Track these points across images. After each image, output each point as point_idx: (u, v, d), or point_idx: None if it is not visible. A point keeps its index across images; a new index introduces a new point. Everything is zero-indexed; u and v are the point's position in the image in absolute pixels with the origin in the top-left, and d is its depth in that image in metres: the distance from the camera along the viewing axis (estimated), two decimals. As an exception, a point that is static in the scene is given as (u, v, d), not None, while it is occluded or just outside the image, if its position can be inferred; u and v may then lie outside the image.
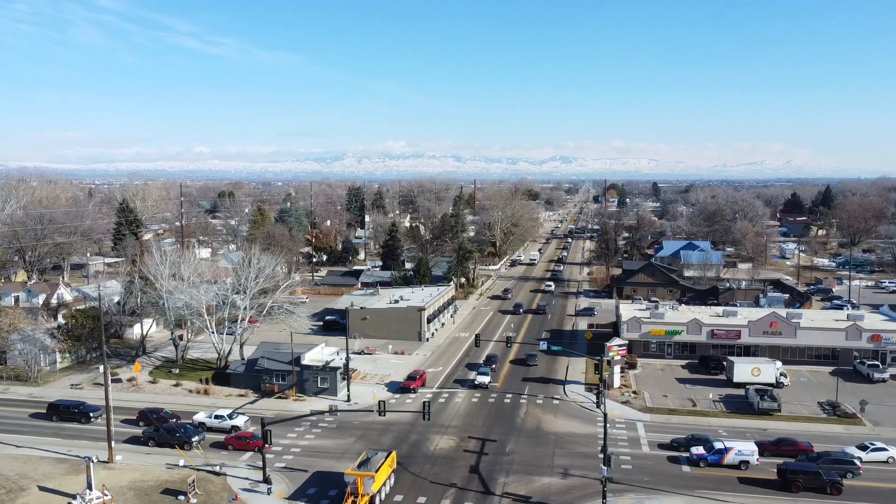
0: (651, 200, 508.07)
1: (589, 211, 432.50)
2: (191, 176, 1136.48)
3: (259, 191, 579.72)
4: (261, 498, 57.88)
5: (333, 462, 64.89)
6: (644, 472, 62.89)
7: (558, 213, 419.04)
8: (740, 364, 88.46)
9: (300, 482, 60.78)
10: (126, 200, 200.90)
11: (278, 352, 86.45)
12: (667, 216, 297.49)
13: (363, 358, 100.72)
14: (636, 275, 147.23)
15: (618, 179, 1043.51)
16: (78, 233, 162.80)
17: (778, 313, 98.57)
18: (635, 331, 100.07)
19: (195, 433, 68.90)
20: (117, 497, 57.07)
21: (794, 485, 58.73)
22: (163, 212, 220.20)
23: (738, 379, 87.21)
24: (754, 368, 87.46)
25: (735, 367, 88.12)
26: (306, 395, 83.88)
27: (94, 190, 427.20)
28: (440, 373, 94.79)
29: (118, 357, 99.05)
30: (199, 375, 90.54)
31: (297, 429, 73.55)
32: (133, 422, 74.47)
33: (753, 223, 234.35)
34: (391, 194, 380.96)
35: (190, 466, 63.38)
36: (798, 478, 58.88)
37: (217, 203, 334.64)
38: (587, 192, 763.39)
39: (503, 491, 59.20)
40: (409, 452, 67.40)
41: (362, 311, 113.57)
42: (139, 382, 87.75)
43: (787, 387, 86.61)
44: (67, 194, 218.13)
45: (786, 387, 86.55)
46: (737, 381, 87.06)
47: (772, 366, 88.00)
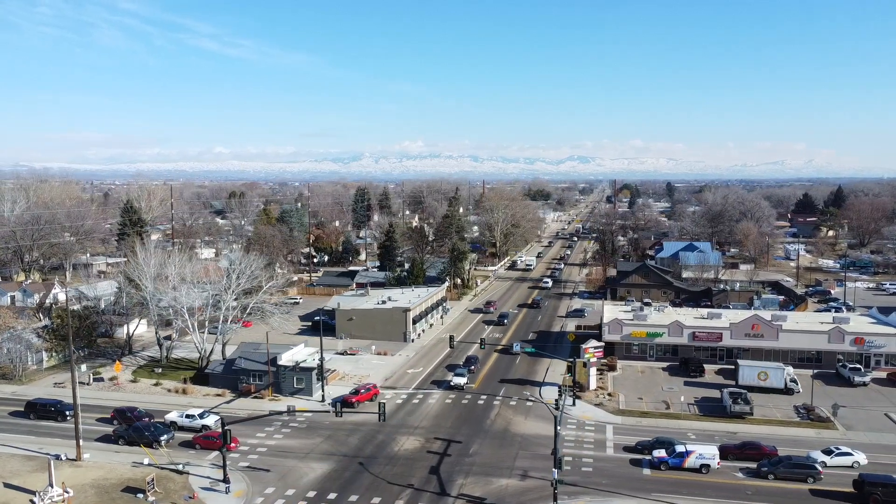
0: (664, 201, 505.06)
1: (600, 211, 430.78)
2: (210, 176, 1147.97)
3: (273, 191, 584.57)
4: (218, 497, 58.62)
5: (296, 462, 65.52)
6: (603, 475, 62.82)
7: (569, 213, 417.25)
8: (747, 367, 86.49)
9: (260, 482, 61.46)
10: (130, 201, 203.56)
11: (256, 352, 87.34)
12: (674, 217, 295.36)
13: (345, 359, 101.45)
14: (630, 276, 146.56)
15: (636, 179, 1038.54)
16: (80, 233, 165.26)
17: (760, 315, 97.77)
18: (616, 333, 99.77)
19: (164, 432, 69.91)
20: (78, 494, 58.11)
21: (872, 498, 56.77)
22: (167, 212, 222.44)
23: (743, 382, 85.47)
24: (761, 372, 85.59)
25: (742, 370, 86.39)
26: (282, 395, 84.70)
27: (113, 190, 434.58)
28: (419, 373, 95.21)
29: (105, 356, 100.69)
30: (181, 375, 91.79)
31: (268, 429, 74.35)
32: (108, 420, 75.62)
33: (759, 224, 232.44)
34: (402, 194, 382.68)
35: (154, 465, 64.36)
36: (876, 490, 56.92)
37: (226, 204, 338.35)
38: (602, 193, 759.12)
39: (459, 492, 59.46)
40: (373, 453, 67.86)
41: (349, 311, 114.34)
42: (120, 381, 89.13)
43: (798, 393, 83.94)
44: (74, 195, 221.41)
45: (797, 393, 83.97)
46: (742, 384, 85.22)
47: (780, 371, 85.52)
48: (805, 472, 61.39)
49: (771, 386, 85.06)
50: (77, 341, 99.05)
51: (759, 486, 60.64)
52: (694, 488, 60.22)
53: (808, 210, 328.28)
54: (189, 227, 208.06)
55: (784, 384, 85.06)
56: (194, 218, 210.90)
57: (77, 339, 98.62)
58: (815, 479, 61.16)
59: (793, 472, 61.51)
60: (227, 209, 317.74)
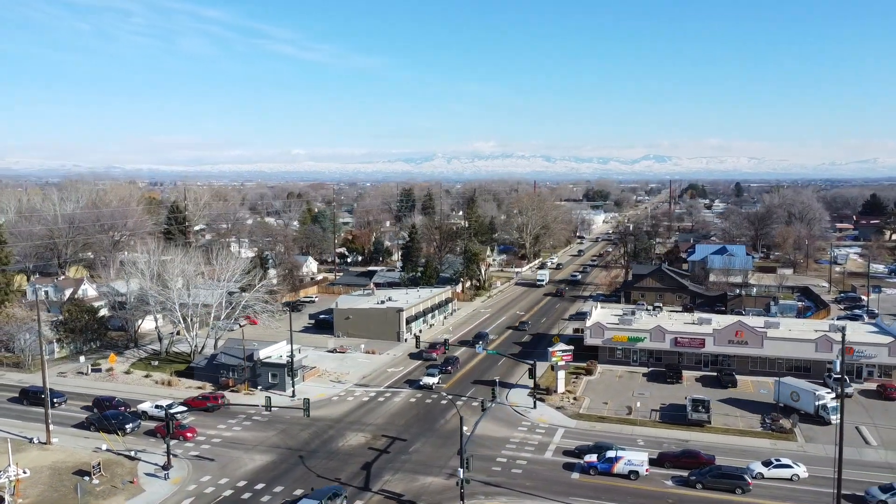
0: (731, 202, 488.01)
1: (657, 213, 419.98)
2: (285, 177, 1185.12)
3: (338, 191, 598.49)
4: (157, 482, 62.51)
5: (241, 453, 68.84)
6: (530, 477, 63.27)
7: (624, 214, 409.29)
8: (783, 385, 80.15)
9: (201, 470, 65.03)
10: (176, 202, 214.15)
11: (237, 348, 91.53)
12: (722, 218, 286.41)
13: (333, 356, 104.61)
14: (644, 279, 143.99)
15: (714, 179, 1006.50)
16: (121, 232, 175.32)
17: (744, 322, 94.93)
18: (598, 336, 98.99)
19: (130, 420, 74.66)
20: (35, 475, 63.06)
21: None
22: (211, 213, 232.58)
23: (778, 399, 79.71)
24: (793, 392, 78.87)
25: (778, 386, 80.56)
26: (258, 389, 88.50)
27: (169, 191, 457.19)
28: (398, 372, 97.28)
29: (114, 348, 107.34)
30: (173, 368, 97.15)
31: (230, 420, 78.13)
32: (89, 408, 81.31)
33: (810, 226, 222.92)
34: (453, 195, 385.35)
35: (112, 451, 69.09)
36: None
37: (283, 204, 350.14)
38: (668, 193, 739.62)
39: (380, 488, 61.26)
40: (317, 448, 70.49)
41: (346, 310, 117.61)
42: (114, 373, 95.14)
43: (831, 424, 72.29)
44: (127, 195, 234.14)
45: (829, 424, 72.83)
46: (778, 401, 79.48)
47: (810, 394, 76.96)
48: (733, 483, 60.11)
49: (801, 409, 77.30)
50: (87, 334, 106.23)
51: (682, 495, 59.81)
52: (616, 494, 59.96)
53: (875, 212, 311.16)
54: (229, 227, 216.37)
55: (815, 410, 75.75)
56: (234, 218, 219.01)
57: (87, 332, 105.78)
58: (744, 491, 59.81)
59: (720, 483, 60.35)
60: (282, 210, 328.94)
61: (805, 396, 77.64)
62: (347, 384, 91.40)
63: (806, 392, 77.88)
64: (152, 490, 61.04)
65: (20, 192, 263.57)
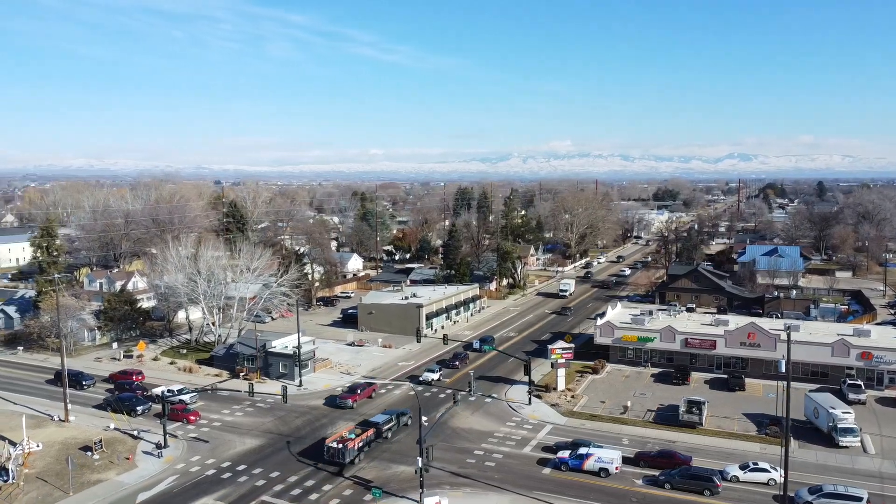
0: (810, 202, 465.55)
1: (727, 213, 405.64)
2: (363, 177, 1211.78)
3: (408, 191, 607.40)
4: (150, 459, 67.00)
5: (234, 437, 72.69)
6: (501, 471, 64.14)
7: (690, 214, 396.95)
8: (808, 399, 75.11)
9: (194, 451, 69.16)
10: (234, 201, 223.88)
11: (252, 339, 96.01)
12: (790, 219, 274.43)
13: (350, 349, 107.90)
14: (680, 280, 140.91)
15: (803, 178, 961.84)
16: (179, 227, 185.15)
17: (756, 324, 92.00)
18: (608, 336, 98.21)
19: (141, 403, 79.90)
20: (46, 449, 68.68)
21: None
22: (269, 211, 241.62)
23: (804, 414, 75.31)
24: (816, 408, 73.38)
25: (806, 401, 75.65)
26: (270, 378, 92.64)
27: (278, 190, 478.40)
28: (407, 367, 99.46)
29: (150, 337, 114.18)
30: (197, 356, 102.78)
31: (234, 406, 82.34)
32: (112, 391, 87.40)
33: (880, 227, 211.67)
34: (523, 193, 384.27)
35: (119, 430, 74.36)
36: None
37: (349, 203, 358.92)
38: (747, 193, 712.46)
39: (352, 474, 63.57)
40: (307, 434, 73.54)
41: (369, 306, 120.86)
42: (143, 359, 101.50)
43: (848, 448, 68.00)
44: (192, 193, 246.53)
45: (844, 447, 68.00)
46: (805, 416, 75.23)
47: (825, 412, 71.04)
48: (702, 485, 59.23)
49: (818, 427, 72.67)
50: (126, 323, 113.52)
51: (647, 494, 59.41)
52: (581, 490, 60.15)
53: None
54: (286, 225, 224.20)
55: (827, 430, 70.53)
56: (289, 216, 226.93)
57: (126, 320, 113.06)
58: (713, 493, 58.86)
59: (689, 483, 59.58)
60: (345, 208, 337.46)
61: (822, 414, 72.28)
62: (355, 376, 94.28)
63: (822, 409, 72.36)
64: (144, 467, 65.50)
65: (99, 191, 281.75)
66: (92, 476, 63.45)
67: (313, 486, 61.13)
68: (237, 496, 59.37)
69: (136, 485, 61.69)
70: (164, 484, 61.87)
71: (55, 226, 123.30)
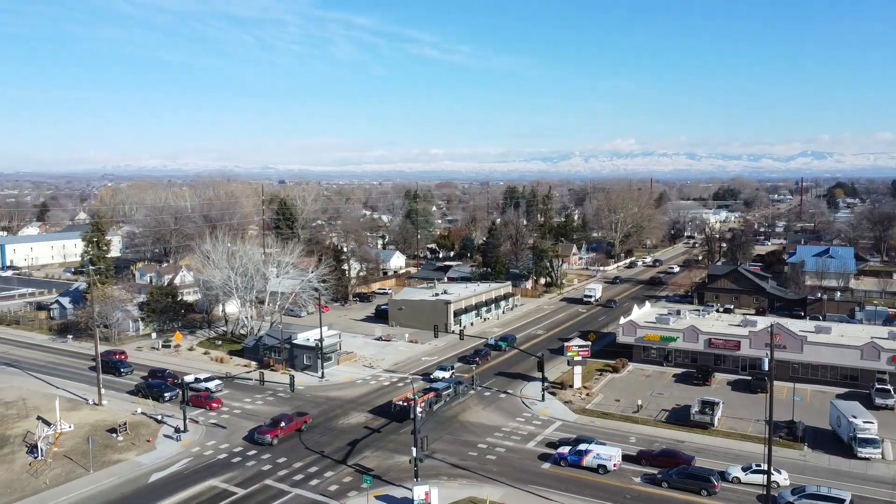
0: (883, 202, 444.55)
1: (789, 213, 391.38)
2: (423, 176, 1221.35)
3: (464, 191, 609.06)
4: (169, 442, 70.58)
5: (251, 424, 75.60)
6: (500, 464, 64.87)
7: (749, 214, 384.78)
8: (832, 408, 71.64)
9: (211, 436, 72.43)
10: (284, 199, 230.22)
11: (279, 331, 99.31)
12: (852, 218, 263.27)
13: (377, 343, 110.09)
14: (719, 280, 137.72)
15: (882, 177, 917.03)
16: (230, 224, 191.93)
17: (782, 325, 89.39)
18: (630, 335, 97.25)
19: (168, 390, 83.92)
20: (77, 430, 72.99)
21: None
22: (318, 210, 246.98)
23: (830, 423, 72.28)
24: (839, 417, 70.23)
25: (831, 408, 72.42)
26: (294, 369, 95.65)
27: (336, 189, 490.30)
28: (430, 361, 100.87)
29: (190, 328, 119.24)
30: (230, 347, 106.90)
31: (257, 395, 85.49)
32: (146, 377, 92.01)
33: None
34: (577, 191, 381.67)
35: (145, 414, 78.45)
36: None
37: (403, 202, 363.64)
38: (814, 193, 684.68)
39: (355, 462, 65.45)
40: (320, 423, 75.87)
41: (399, 301, 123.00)
42: (180, 349, 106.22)
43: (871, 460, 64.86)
44: (248, 192, 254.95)
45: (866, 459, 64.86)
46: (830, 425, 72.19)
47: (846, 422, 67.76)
48: (699, 484, 58.56)
49: (840, 436, 69.90)
50: (168, 314, 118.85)
51: (643, 492, 59.12)
52: (576, 485, 60.35)
53: None
54: (334, 224, 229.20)
55: (847, 440, 67.71)
56: (336, 215, 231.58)
57: (167, 312, 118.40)
58: (710, 493, 58.12)
59: (686, 483, 59.00)
60: (396, 207, 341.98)
61: (844, 423, 69.35)
62: (377, 370, 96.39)
63: (844, 418, 69.37)
64: (162, 449, 69.06)
65: (161, 190, 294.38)
66: (113, 456, 67.32)
67: (315, 473, 63.28)
68: (242, 479, 62.04)
69: (153, 465, 65.18)
70: (177, 465, 65.17)
71: (104, 222, 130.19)
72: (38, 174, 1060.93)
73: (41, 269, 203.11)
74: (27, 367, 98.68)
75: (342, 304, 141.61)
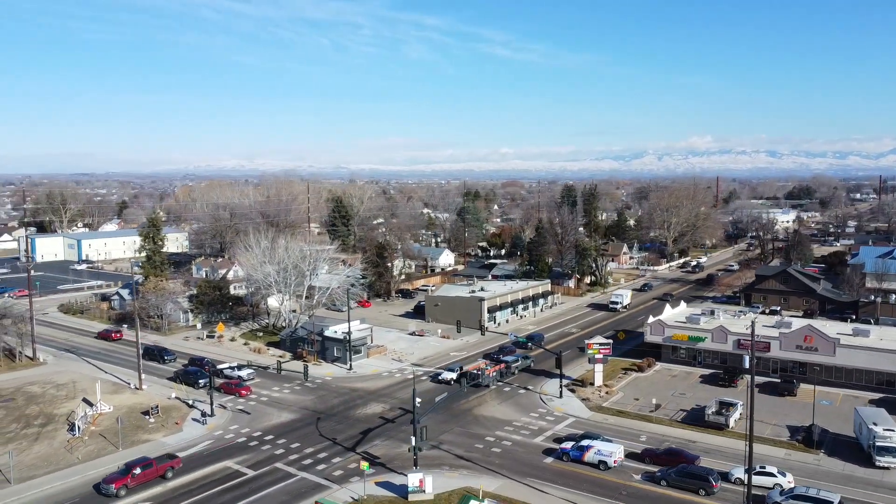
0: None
1: (849, 213, 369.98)
2: (492, 176, 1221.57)
3: (531, 190, 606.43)
4: (196, 426, 74.82)
5: (274, 411, 79.23)
6: (504, 457, 65.89)
7: (822, 214, 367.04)
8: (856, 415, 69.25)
9: (236, 421, 76.31)
10: (340, 198, 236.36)
11: (317, 324, 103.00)
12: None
13: (409, 338, 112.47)
14: (767, 281, 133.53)
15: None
16: (286, 222, 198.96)
17: (814, 327, 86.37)
18: (658, 334, 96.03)
19: (203, 377, 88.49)
20: (115, 411, 78.36)
21: None
22: (373, 208, 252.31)
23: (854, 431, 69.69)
24: (861, 424, 67.29)
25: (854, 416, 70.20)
26: (325, 361, 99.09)
27: (403, 188, 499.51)
28: (458, 356, 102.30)
29: (236, 320, 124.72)
30: (269, 339, 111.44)
31: (286, 384, 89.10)
32: (185, 365, 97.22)
33: None
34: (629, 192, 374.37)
35: (179, 398, 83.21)
36: None
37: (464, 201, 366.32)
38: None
39: (363, 450, 67.80)
40: (338, 412, 78.77)
41: (435, 298, 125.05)
42: (223, 339, 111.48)
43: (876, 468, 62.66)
44: (304, 191, 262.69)
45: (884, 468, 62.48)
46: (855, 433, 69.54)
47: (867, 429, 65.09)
48: (697, 484, 58.07)
49: (861, 444, 67.18)
50: (216, 306, 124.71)
51: (640, 490, 59.05)
52: (574, 480, 60.78)
53: None
54: (401, 221, 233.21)
55: (866, 446, 65.08)
56: (390, 213, 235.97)
57: (215, 305, 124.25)
58: (708, 493, 57.55)
59: (684, 482, 58.57)
60: (455, 206, 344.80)
61: (864, 431, 66.78)
62: (405, 363, 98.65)
63: (865, 426, 66.74)
64: (189, 431, 73.31)
65: (227, 189, 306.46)
66: (143, 436, 71.97)
67: (324, 458, 65.97)
68: (254, 461, 65.35)
69: (176, 446, 69.29)
70: (199, 447, 69.14)
71: (159, 219, 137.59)
72: (126, 174, 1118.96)
73: (112, 262, 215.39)
74: (83, 353, 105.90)
75: (384, 300, 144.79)
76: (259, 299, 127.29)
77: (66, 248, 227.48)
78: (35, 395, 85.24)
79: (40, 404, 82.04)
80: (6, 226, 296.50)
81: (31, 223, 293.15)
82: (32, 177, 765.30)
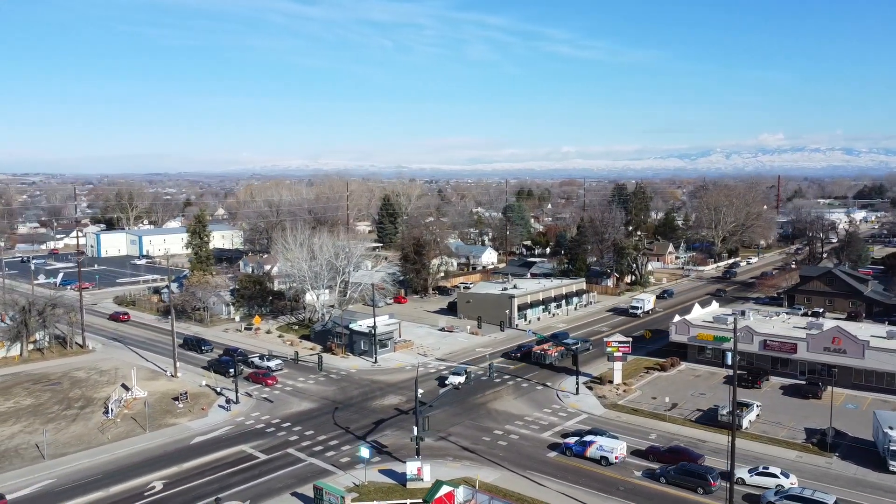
0: None
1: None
2: (552, 175, 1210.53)
3: (588, 189, 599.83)
4: (220, 412, 78.52)
5: (296, 400, 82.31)
6: (508, 450, 66.89)
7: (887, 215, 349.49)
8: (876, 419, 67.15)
9: (258, 408, 79.72)
10: (388, 196, 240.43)
11: (347, 318, 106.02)
12: None
13: (438, 334, 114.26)
14: (811, 282, 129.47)
15: None
16: (334, 219, 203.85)
17: (842, 328, 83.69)
18: (683, 334, 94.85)
19: (233, 366, 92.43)
20: (148, 396, 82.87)
21: None
22: (422, 206, 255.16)
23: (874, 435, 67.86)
24: (878, 428, 65.70)
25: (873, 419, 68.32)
26: (353, 354, 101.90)
27: (457, 187, 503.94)
28: (483, 352, 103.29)
29: (275, 314, 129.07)
30: (303, 332, 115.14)
31: (311, 375, 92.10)
32: (221, 355, 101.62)
33: None
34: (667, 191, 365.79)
35: (208, 386, 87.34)
36: None
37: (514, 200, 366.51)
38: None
39: (373, 439, 69.92)
40: (356, 402, 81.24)
41: (466, 295, 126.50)
42: (259, 332, 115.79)
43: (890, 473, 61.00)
44: (359, 189, 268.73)
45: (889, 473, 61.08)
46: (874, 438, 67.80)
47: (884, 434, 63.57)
48: (696, 482, 57.83)
49: (877, 448, 65.51)
50: (256, 300, 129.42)
51: (638, 486, 59.18)
52: (574, 474, 61.33)
53: None
54: (434, 219, 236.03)
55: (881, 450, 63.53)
56: (437, 212, 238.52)
57: (255, 298, 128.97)
58: (706, 491, 57.26)
59: (683, 480, 58.43)
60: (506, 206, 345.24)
61: (881, 436, 64.90)
62: (430, 358, 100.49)
63: (883, 430, 64.61)
64: (213, 417, 77.05)
65: (283, 188, 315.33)
66: (170, 420, 76.07)
67: (334, 446, 68.39)
68: (268, 446, 68.34)
69: (199, 430, 73.07)
70: (219, 431, 72.67)
71: (205, 216, 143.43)
72: (196, 174, 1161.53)
73: (171, 258, 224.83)
74: (129, 342, 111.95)
75: (422, 297, 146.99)
76: (297, 294, 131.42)
77: (129, 243, 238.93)
78: (80, 380, 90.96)
79: (83, 388, 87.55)
80: (78, 222, 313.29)
81: (100, 220, 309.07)
82: (110, 176, 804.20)
